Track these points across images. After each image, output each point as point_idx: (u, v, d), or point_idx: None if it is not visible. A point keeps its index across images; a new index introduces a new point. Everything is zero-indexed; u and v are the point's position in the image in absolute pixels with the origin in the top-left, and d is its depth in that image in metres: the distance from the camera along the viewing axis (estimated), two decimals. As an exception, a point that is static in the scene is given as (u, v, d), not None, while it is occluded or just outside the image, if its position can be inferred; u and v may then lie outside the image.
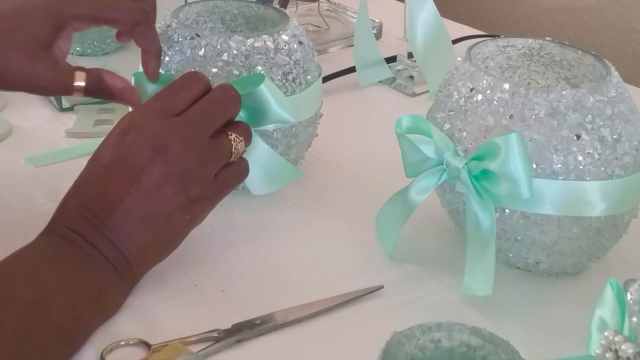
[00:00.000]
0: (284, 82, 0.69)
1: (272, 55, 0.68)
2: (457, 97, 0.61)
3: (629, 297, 0.40)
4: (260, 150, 0.67)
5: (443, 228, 0.68)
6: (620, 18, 1.27)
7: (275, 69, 0.69)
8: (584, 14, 1.31)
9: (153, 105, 0.60)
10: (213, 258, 0.65)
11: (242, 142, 0.62)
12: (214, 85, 0.63)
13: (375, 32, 1.09)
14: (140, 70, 0.70)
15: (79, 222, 0.57)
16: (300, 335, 0.57)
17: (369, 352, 0.44)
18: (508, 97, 0.58)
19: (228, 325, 0.57)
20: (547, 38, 0.67)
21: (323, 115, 0.76)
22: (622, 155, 0.57)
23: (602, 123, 0.57)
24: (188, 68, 0.68)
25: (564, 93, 0.57)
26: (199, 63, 0.68)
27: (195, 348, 0.55)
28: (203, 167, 0.59)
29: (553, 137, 0.57)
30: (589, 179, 0.57)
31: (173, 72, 0.69)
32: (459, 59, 0.63)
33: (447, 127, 0.61)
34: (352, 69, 0.98)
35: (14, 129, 0.85)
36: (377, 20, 1.13)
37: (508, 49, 0.67)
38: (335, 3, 1.20)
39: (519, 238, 0.60)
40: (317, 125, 0.75)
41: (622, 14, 1.26)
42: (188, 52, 0.68)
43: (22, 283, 0.53)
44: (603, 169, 0.57)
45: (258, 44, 0.68)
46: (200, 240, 0.65)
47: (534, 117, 0.57)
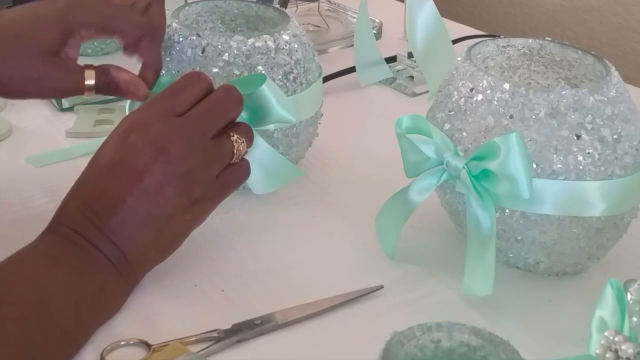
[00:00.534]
0: (285, 81, 0.69)
1: (272, 55, 0.68)
2: (457, 97, 0.61)
3: (629, 297, 0.40)
4: (262, 150, 0.67)
5: (443, 228, 0.68)
6: (620, 18, 1.27)
7: (276, 69, 0.69)
8: (584, 14, 1.31)
9: (155, 106, 0.60)
10: (213, 258, 0.65)
11: (244, 143, 0.62)
12: (216, 86, 0.63)
13: (375, 32, 1.09)
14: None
15: (81, 222, 0.57)
16: (300, 335, 0.57)
17: (369, 352, 0.44)
18: (508, 97, 0.58)
19: (228, 325, 0.57)
20: (547, 38, 0.67)
21: (323, 115, 0.76)
22: (622, 155, 0.57)
23: (602, 123, 0.57)
24: (189, 68, 0.68)
25: (564, 93, 0.57)
26: (200, 63, 0.68)
27: (195, 348, 0.55)
28: (205, 167, 0.59)
29: (553, 137, 0.57)
30: (589, 179, 0.57)
31: (174, 72, 0.69)
32: (459, 59, 0.63)
33: (447, 127, 0.61)
34: (352, 69, 0.98)
35: (14, 129, 0.85)
36: (377, 20, 1.13)
37: (508, 49, 0.67)
38: (335, 3, 1.20)
39: (519, 238, 0.60)
40: (317, 125, 0.75)
41: (622, 14, 1.26)
42: (189, 52, 0.68)
43: (24, 284, 0.53)
44: (603, 169, 0.57)
45: (259, 44, 0.68)
46: (201, 240, 0.65)
47: (534, 117, 0.57)
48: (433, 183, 0.61)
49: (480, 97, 0.59)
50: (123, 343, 0.55)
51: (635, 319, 0.40)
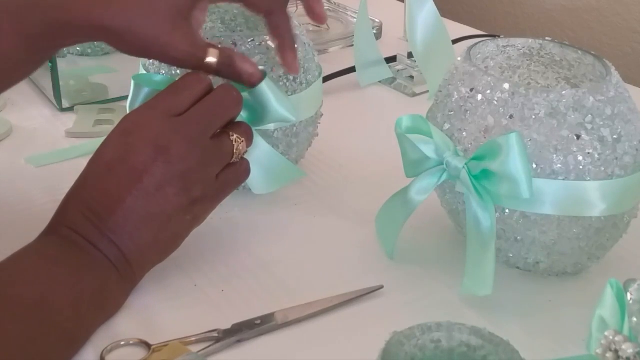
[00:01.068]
0: (285, 81, 0.69)
1: (272, 55, 0.68)
2: (457, 97, 0.61)
3: (629, 297, 0.40)
4: (262, 150, 0.67)
5: (443, 228, 0.68)
6: (620, 18, 1.27)
7: (276, 69, 0.69)
8: (584, 14, 1.31)
9: (155, 106, 0.60)
10: (213, 258, 0.65)
11: (243, 142, 0.62)
12: (215, 86, 0.63)
13: (375, 32, 1.09)
14: (140, 73, 0.70)
15: (81, 222, 0.57)
16: (300, 335, 0.57)
17: (369, 352, 0.44)
18: (508, 97, 0.58)
19: (228, 325, 0.57)
20: (547, 38, 0.67)
21: (323, 115, 0.76)
22: (622, 155, 0.57)
23: (602, 123, 0.57)
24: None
25: (564, 93, 0.57)
26: (199, 63, 0.68)
27: (195, 348, 0.55)
28: (204, 167, 0.59)
29: (553, 137, 0.57)
30: (589, 179, 0.57)
31: (173, 72, 0.69)
32: (459, 59, 0.63)
33: (447, 127, 0.61)
34: (352, 69, 0.98)
35: (14, 129, 0.85)
36: (377, 20, 1.13)
37: (508, 49, 0.67)
38: (335, 3, 1.20)
39: (519, 238, 0.60)
40: (317, 125, 0.75)
41: (622, 14, 1.26)
42: (188, 52, 0.68)
43: (24, 284, 0.53)
44: (603, 169, 0.57)
45: (259, 44, 0.68)
46: (201, 240, 0.65)
47: (534, 117, 0.57)
48: (433, 183, 0.61)
49: (480, 97, 0.59)
50: (123, 343, 0.55)
51: (635, 319, 0.40)
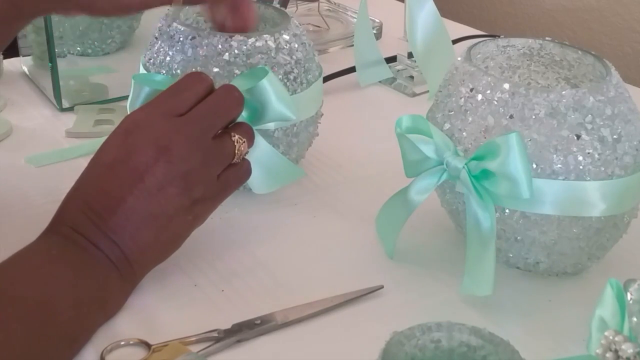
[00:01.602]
0: (285, 81, 0.69)
1: (273, 55, 0.69)
2: (457, 97, 0.61)
3: (629, 297, 0.40)
4: (262, 149, 0.67)
5: (443, 228, 0.68)
6: (620, 18, 1.27)
7: (277, 69, 0.69)
8: (584, 14, 1.31)
9: (156, 105, 0.60)
10: (213, 258, 0.65)
11: (245, 143, 0.62)
12: (217, 85, 0.63)
13: (375, 32, 1.09)
14: (140, 73, 0.70)
15: (82, 222, 0.57)
16: (300, 335, 0.57)
17: (369, 352, 0.44)
18: (508, 97, 0.58)
19: (228, 325, 0.57)
20: (547, 38, 0.67)
21: (323, 115, 0.76)
22: (622, 155, 0.57)
23: (602, 123, 0.57)
24: (189, 68, 0.68)
25: (564, 93, 0.57)
26: (201, 62, 0.68)
27: (195, 348, 0.55)
28: (206, 167, 0.59)
29: (553, 137, 0.57)
30: (589, 179, 0.57)
31: (174, 72, 0.69)
32: (459, 59, 0.63)
33: (447, 127, 0.61)
34: (352, 69, 0.98)
35: (14, 129, 0.85)
36: (377, 20, 1.13)
37: (508, 49, 0.67)
38: (335, 3, 1.20)
39: (519, 238, 0.60)
40: (317, 125, 0.75)
41: (622, 14, 1.26)
42: (189, 51, 0.68)
43: (26, 284, 0.53)
44: (603, 169, 0.57)
45: (259, 44, 0.68)
46: (200, 240, 0.65)
47: (534, 117, 0.57)
48: (433, 183, 0.61)
49: (480, 97, 0.59)
50: (123, 343, 0.55)
51: (635, 319, 0.40)
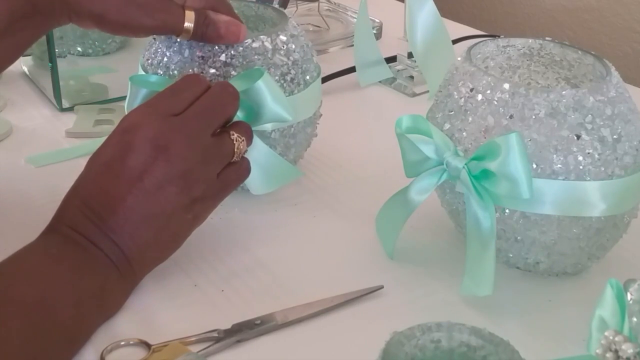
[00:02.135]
0: (282, 82, 0.69)
1: (270, 56, 0.68)
2: (457, 97, 0.61)
3: (629, 297, 0.40)
4: (259, 150, 0.67)
5: (443, 228, 0.68)
6: (620, 18, 1.27)
7: (273, 70, 0.68)
8: (584, 14, 1.31)
9: (154, 105, 0.60)
10: (213, 258, 0.65)
11: (244, 141, 0.62)
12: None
13: (375, 32, 1.09)
14: (138, 73, 0.70)
15: (81, 221, 0.57)
16: (300, 335, 0.57)
17: (369, 352, 0.44)
18: (508, 97, 0.58)
19: (228, 325, 0.57)
20: (547, 38, 0.67)
21: (323, 115, 0.76)
22: (622, 155, 0.57)
23: (602, 123, 0.57)
24: (186, 69, 0.68)
25: (564, 93, 0.57)
26: (197, 63, 0.68)
27: (195, 348, 0.55)
28: (205, 166, 0.59)
29: (553, 137, 0.57)
30: (589, 179, 0.57)
31: (171, 72, 0.69)
32: (459, 59, 0.63)
33: (447, 127, 0.61)
34: (352, 69, 0.98)
35: (14, 129, 0.85)
36: (377, 20, 1.13)
37: (508, 49, 0.67)
38: (335, 3, 1.20)
39: (519, 238, 0.60)
40: (316, 126, 0.75)
41: (622, 14, 1.26)
42: (186, 52, 0.68)
43: (26, 283, 0.53)
44: (603, 169, 0.57)
45: (256, 45, 0.68)
46: (201, 240, 0.65)
47: (534, 117, 0.57)
48: (433, 183, 0.61)
49: (480, 97, 0.59)
50: (123, 343, 0.55)
51: (635, 319, 0.40)
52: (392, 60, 1.01)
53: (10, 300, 0.51)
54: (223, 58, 0.68)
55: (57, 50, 0.87)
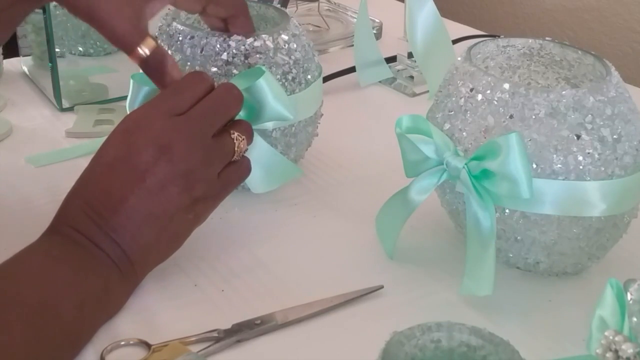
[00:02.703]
0: (284, 81, 0.69)
1: (271, 55, 0.69)
2: (457, 97, 0.61)
3: (629, 297, 0.40)
4: (260, 148, 0.67)
5: (443, 228, 0.68)
6: (620, 18, 1.27)
7: (275, 69, 0.69)
8: (584, 14, 1.31)
9: (156, 105, 0.60)
10: (213, 258, 0.65)
11: (244, 140, 0.62)
12: (216, 85, 0.63)
13: (375, 32, 1.09)
14: (139, 72, 0.70)
15: (83, 221, 0.56)
16: (300, 335, 0.57)
17: (369, 352, 0.44)
18: (508, 97, 0.58)
19: (228, 325, 0.57)
20: (547, 38, 0.67)
21: (323, 115, 0.76)
22: (622, 155, 0.57)
23: (602, 123, 0.57)
24: (188, 67, 0.68)
25: (564, 93, 0.57)
26: (199, 62, 0.68)
27: (195, 348, 0.55)
28: (207, 166, 0.59)
29: (553, 137, 0.57)
30: (589, 179, 0.57)
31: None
32: (459, 59, 0.63)
33: (447, 127, 0.61)
34: (352, 69, 0.98)
35: (14, 129, 0.85)
36: (377, 20, 1.13)
37: (508, 49, 0.67)
38: (335, 3, 1.20)
39: (519, 238, 0.60)
40: (317, 125, 0.75)
41: (622, 14, 1.26)
42: (188, 51, 0.68)
43: (28, 286, 0.53)
44: (603, 169, 0.57)
45: (258, 44, 0.68)
46: (201, 240, 0.65)
47: (534, 117, 0.57)
48: (433, 183, 0.61)
49: (480, 97, 0.59)
50: (123, 343, 0.55)
51: (635, 319, 0.40)
52: (392, 60, 1.01)
53: (13, 303, 0.51)
54: (225, 57, 0.68)
55: (57, 50, 0.87)
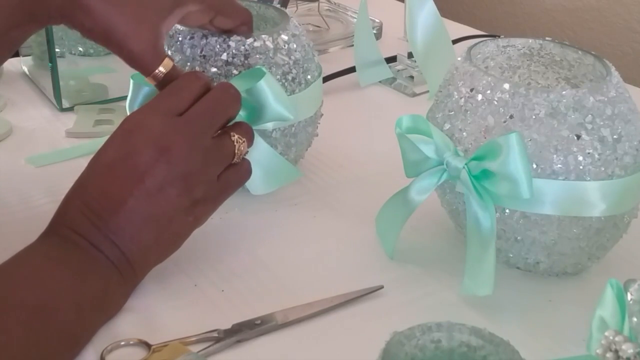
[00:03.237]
0: (283, 81, 0.69)
1: (271, 55, 0.69)
2: (457, 97, 0.61)
3: (629, 297, 0.40)
4: (260, 150, 0.67)
5: (443, 228, 0.68)
6: (620, 18, 1.27)
7: (275, 69, 0.69)
8: (584, 14, 1.31)
9: (155, 106, 0.60)
10: (213, 258, 0.65)
11: (244, 143, 0.62)
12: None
13: (375, 32, 1.09)
14: (138, 72, 0.70)
15: (81, 223, 0.56)
16: (300, 335, 0.57)
17: (369, 352, 0.44)
18: (508, 97, 0.58)
19: (228, 325, 0.57)
20: (547, 38, 0.67)
21: (323, 115, 0.76)
22: (622, 155, 0.57)
23: (602, 123, 0.57)
24: (188, 67, 0.68)
25: (564, 93, 0.57)
26: (199, 62, 0.68)
27: (195, 348, 0.55)
28: (206, 168, 0.59)
29: (553, 137, 0.57)
30: (589, 179, 0.57)
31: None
32: (459, 59, 0.63)
33: (447, 127, 0.61)
34: (352, 69, 0.98)
35: (14, 129, 0.85)
36: (377, 20, 1.13)
37: (508, 49, 0.67)
38: (335, 3, 1.20)
39: (519, 238, 0.60)
40: (317, 125, 0.75)
41: (622, 14, 1.26)
42: (188, 51, 0.68)
43: (27, 288, 0.53)
44: (603, 169, 0.57)
45: (257, 44, 0.68)
46: (201, 241, 0.65)
47: (534, 117, 0.57)
48: (433, 183, 0.61)
49: (480, 97, 0.59)
50: (123, 343, 0.55)
51: (636, 319, 0.40)
52: (392, 60, 1.01)
53: (12, 306, 0.51)
54: (224, 57, 0.68)
55: (57, 50, 0.87)
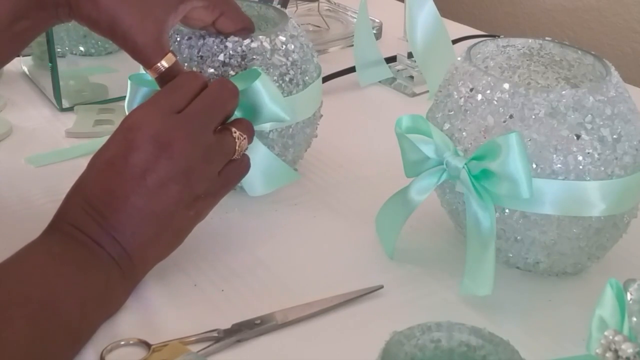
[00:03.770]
0: (281, 83, 0.69)
1: (268, 56, 0.68)
2: (457, 97, 0.61)
3: (629, 297, 0.40)
4: (257, 151, 0.67)
5: (443, 228, 0.68)
6: (620, 18, 1.27)
7: (272, 70, 0.68)
8: (584, 14, 1.31)
9: (155, 103, 0.60)
10: (213, 258, 0.65)
11: (245, 139, 0.62)
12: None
13: (375, 32, 1.09)
14: (138, 72, 0.70)
15: (83, 219, 0.57)
16: (300, 335, 0.57)
17: (369, 352, 0.44)
18: (508, 97, 0.58)
19: (228, 325, 0.57)
20: (547, 38, 0.67)
21: (323, 116, 0.76)
22: (622, 155, 0.57)
23: (602, 123, 0.57)
24: (185, 68, 0.68)
25: (564, 93, 0.57)
26: (196, 63, 0.68)
27: (195, 348, 0.55)
28: (207, 164, 0.59)
29: (553, 137, 0.57)
30: (589, 179, 0.57)
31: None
32: (459, 59, 0.63)
33: (447, 127, 0.61)
34: (352, 69, 0.98)
35: (14, 129, 0.85)
36: (377, 20, 1.13)
37: (508, 49, 0.67)
38: (335, 3, 1.20)
39: (519, 238, 0.60)
40: (316, 126, 0.75)
41: (622, 14, 1.26)
42: (185, 52, 0.68)
43: (30, 284, 0.53)
44: (603, 169, 0.57)
45: (254, 45, 0.68)
46: (200, 240, 0.65)
47: (534, 117, 0.57)
48: (433, 183, 0.61)
49: (480, 97, 0.59)
50: (123, 343, 0.55)
51: (635, 319, 0.40)
52: (392, 60, 1.01)
53: (16, 301, 0.51)
54: (221, 58, 0.68)
55: (57, 50, 0.87)
